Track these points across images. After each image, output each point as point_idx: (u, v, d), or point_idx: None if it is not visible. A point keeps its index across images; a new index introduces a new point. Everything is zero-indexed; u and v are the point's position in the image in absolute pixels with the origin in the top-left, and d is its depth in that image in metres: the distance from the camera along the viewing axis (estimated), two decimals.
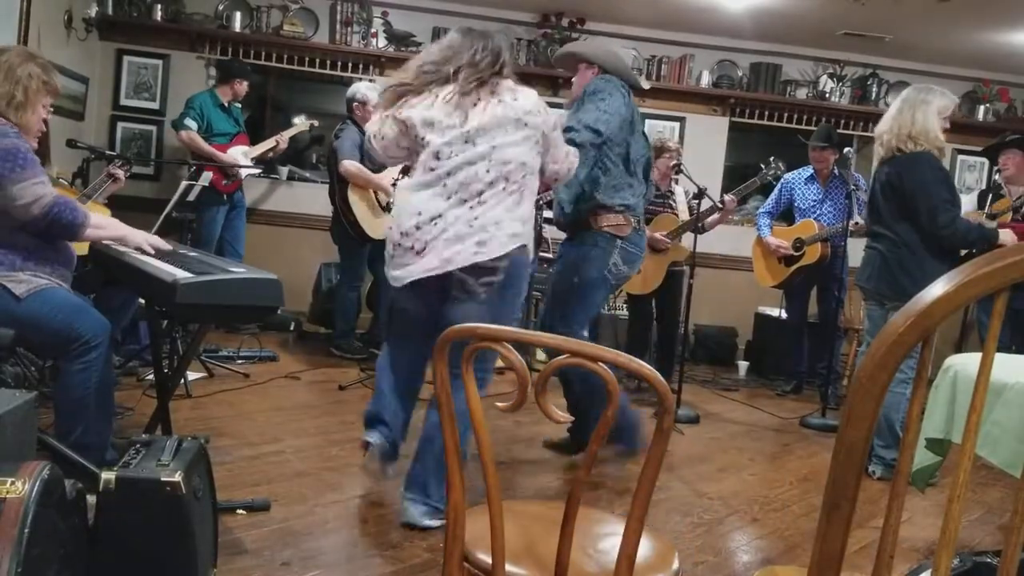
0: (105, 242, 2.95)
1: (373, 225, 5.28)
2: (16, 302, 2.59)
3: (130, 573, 1.92)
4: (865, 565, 2.65)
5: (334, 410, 4.26)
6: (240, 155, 5.63)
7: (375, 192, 5.30)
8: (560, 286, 3.66)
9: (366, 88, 5.41)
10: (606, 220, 3.55)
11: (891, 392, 3.18)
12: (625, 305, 5.92)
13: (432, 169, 2.69)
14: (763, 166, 5.27)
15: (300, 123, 5.93)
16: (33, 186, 2.61)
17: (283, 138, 5.82)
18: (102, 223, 2.88)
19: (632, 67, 4.04)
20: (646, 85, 4.21)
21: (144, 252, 2.84)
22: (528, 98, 2.76)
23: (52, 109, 2.93)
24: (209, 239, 5.52)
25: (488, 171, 2.66)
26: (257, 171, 5.86)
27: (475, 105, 2.69)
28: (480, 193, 2.67)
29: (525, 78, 6.48)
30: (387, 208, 5.12)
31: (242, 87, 5.73)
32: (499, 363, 4.85)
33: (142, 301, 3.29)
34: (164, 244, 2.93)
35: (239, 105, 5.86)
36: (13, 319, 2.57)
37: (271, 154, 5.88)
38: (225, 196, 5.59)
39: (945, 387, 2.18)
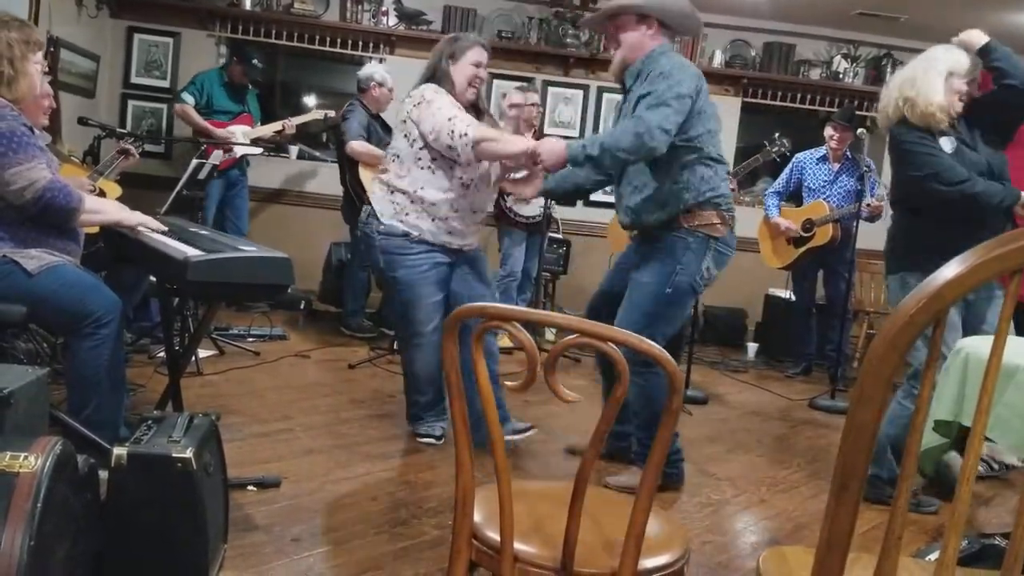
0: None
1: None
2: (28, 278, 2.59)
3: (141, 548, 1.94)
4: (873, 546, 2.65)
5: (343, 389, 4.28)
6: (239, 134, 5.61)
7: None
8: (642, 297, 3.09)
9: (383, 71, 5.41)
10: (698, 219, 3.04)
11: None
12: None
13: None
14: (766, 143, 5.21)
15: (314, 112, 5.90)
16: (28, 171, 2.56)
17: (291, 123, 5.75)
18: (98, 207, 2.84)
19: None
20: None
21: (143, 232, 2.83)
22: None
23: (47, 66, 2.83)
24: (204, 215, 5.51)
25: None
26: (256, 152, 5.83)
27: None
28: None
29: (537, 57, 6.61)
30: None
31: (236, 70, 5.67)
32: (506, 343, 4.91)
33: (153, 279, 3.31)
34: (159, 225, 2.88)
35: (251, 87, 5.84)
36: (25, 295, 2.58)
37: (278, 137, 5.83)
38: (217, 172, 5.49)
39: (956, 369, 2.17)
